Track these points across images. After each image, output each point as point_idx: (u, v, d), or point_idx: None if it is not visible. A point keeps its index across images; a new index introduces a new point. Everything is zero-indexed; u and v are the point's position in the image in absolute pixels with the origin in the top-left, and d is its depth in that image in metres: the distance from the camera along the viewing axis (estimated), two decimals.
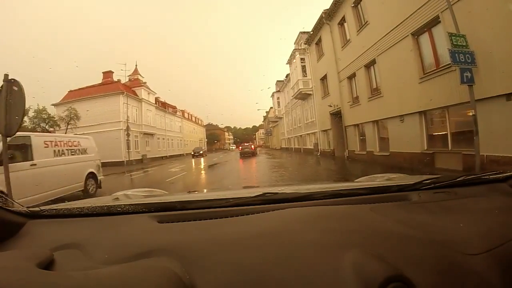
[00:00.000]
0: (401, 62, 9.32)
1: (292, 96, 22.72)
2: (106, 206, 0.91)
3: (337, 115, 15.17)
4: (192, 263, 0.55)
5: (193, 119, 56.02)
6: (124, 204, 0.92)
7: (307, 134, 21.85)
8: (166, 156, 35.58)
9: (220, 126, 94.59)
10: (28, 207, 0.87)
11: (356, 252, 0.55)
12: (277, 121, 41.02)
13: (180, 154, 41.26)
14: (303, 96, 20.73)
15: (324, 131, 17.53)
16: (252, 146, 27.39)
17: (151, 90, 32.67)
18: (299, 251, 0.58)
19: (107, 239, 0.72)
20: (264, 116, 65.72)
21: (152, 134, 31.84)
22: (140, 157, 28.66)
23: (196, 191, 1.95)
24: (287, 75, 28.76)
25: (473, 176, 1.05)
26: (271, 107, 50.81)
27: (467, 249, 0.59)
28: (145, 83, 32.35)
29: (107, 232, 0.77)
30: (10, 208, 0.80)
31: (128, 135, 25.82)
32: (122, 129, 26.05)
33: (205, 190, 3.29)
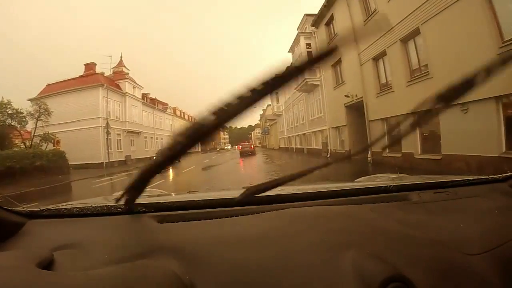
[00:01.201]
0: (463, 29, 6.49)
1: (294, 89, 19.83)
2: (106, 206, 0.90)
3: (355, 108, 12.35)
4: (192, 263, 0.55)
5: (186, 117, 52.88)
6: (124, 204, 0.88)
7: (313, 132, 18.99)
8: (154, 157, 32.32)
9: None
10: (27, 207, 0.86)
11: (356, 252, 0.55)
12: (275, 119, 38.15)
13: None
14: (308, 88, 17.86)
15: (336, 128, 14.67)
16: (252, 146, 28.77)
17: (137, 84, 29.51)
18: (299, 251, 0.58)
19: (107, 239, 0.71)
20: (260, 115, 62.91)
21: (137, 133, 28.74)
22: (123, 158, 25.61)
23: (196, 191, 1.61)
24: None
25: (473, 176, 1.03)
26: (268, 104, 47.86)
27: (467, 249, 0.59)
28: (128, 73, 29.19)
29: (107, 232, 0.76)
30: (10, 208, 0.79)
31: (108, 133, 22.73)
32: (101, 126, 22.97)
33: (205, 190, 2.43)
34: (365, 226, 0.70)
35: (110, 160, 22.93)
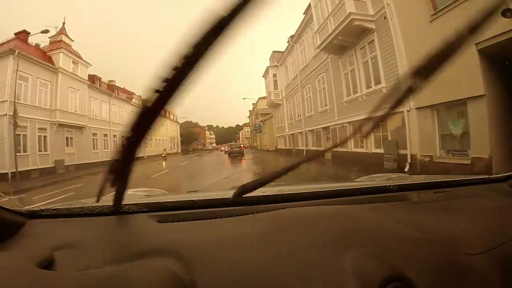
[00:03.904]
0: None
1: (317, 48, 11.89)
2: (106, 206, 0.88)
3: None
4: (192, 263, 0.55)
5: (161, 112, 44.10)
6: (123, 204, 0.88)
7: (351, 122, 11.06)
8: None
9: (201, 124, 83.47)
10: (28, 207, 0.87)
11: (356, 252, 0.55)
12: (269, 113, 30.39)
13: (136, 158, 29.51)
14: (347, 41, 9.91)
15: (433, 108, 6.77)
16: (242, 145, 25.89)
17: (82, 60, 20.87)
18: (299, 251, 0.58)
19: (107, 239, 0.72)
20: (250, 111, 55.06)
21: (79, 127, 20.13)
22: (51, 165, 17.16)
23: (196, 190, 1.66)
24: (292, 36, 18.17)
25: (473, 176, 1.03)
26: (260, 98, 40.10)
27: (467, 249, 0.59)
28: (70, 46, 20.60)
29: (107, 232, 0.77)
30: (10, 208, 0.78)
31: (15, 125, 14.28)
32: (7, 114, 14.52)
33: (205, 190, 2.67)
34: (365, 226, 0.69)
35: (23, 169, 14.56)
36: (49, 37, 21.02)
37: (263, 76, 27.19)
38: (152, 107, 0.50)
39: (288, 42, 19.60)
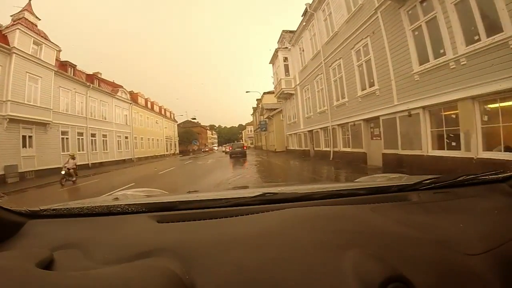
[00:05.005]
0: None
1: None
2: (106, 206, 0.90)
3: None
4: (192, 263, 0.56)
5: (157, 109, 40.14)
6: (124, 204, 0.90)
7: (426, 107, 6.84)
8: (88, 164, 19.90)
9: (202, 124, 79.37)
10: (28, 207, 0.86)
11: (355, 252, 0.55)
12: (277, 109, 26.22)
13: (122, 160, 25.65)
14: None
15: None
16: (244, 146, 24.67)
17: (47, 41, 16.74)
18: (299, 251, 0.58)
19: (107, 239, 0.72)
20: (253, 108, 50.91)
21: (43, 124, 16.10)
22: (0, 172, 13.18)
23: (196, 191, 1.57)
24: (310, 5, 13.96)
25: (472, 176, 1.01)
26: (265, 92, 35.95)
27: (467, 249, 0.59)
28: (36, 25, 16.56)
29: (107, 232, 0.76)
30: (10, 208, 0.78)
31: None
32: None
33: (205, 190, 2.50)
34: (365, 226, 0.69)
35: None
36: (10, 15, 17.21)
37: (270, 63, 22.85)
38: None
39: (304, 13, 15.37)
